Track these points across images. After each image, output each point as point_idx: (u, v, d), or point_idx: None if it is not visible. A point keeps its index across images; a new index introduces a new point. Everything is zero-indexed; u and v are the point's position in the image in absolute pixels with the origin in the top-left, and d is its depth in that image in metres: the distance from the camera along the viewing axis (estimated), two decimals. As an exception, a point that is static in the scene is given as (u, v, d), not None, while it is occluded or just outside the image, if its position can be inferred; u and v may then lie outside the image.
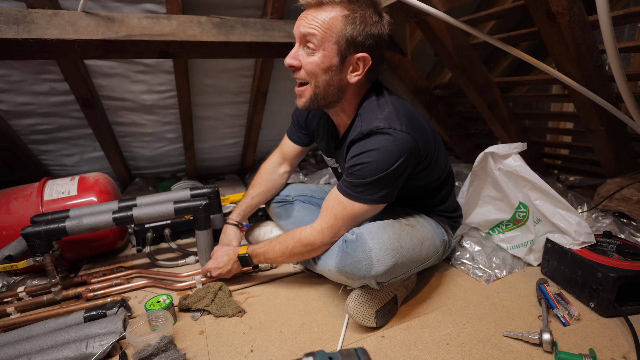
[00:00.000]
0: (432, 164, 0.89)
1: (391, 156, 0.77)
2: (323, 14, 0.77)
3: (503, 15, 1.18)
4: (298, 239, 0.89)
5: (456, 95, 1.84)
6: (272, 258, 0.95)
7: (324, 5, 0.78)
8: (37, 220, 1.01)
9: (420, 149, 0.81)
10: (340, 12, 0.77)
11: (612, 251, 0.93)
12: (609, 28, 0.64)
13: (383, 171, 0.78)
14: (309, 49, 0.80)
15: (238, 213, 1.16)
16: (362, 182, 0.80)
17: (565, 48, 0.99)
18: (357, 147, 0.81)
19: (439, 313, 0.90)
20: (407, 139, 0.78)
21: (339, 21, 0.77)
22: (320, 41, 0.78)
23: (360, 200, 0.82)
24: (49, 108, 1.57)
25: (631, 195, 1.19)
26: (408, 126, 0.79)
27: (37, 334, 0.82)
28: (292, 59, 0.82)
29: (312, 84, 0.82)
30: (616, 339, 0.79)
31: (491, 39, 1.04)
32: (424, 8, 0.92)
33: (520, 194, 1.08)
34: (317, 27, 0.77)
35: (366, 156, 0.79)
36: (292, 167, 1.20)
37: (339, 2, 0.77)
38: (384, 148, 0.77)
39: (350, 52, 0.79)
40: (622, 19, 0.96)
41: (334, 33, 0.77)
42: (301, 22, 0.80)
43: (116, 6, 1.25)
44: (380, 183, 0.80)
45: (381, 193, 0.81)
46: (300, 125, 1.11)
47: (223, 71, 1.68)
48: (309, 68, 0.80)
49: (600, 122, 1.20)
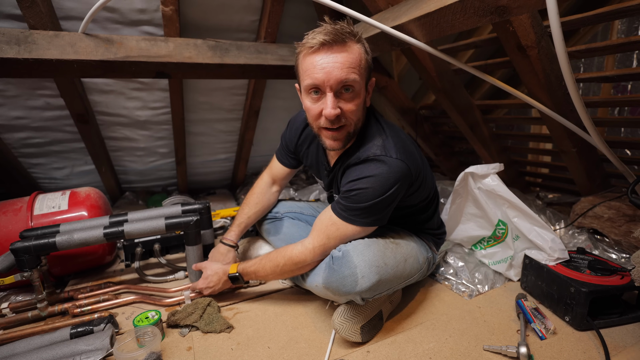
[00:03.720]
0: (421, 186, 0.93)
1: (386, 183, 0.81)
2: (351, 54, 0.73)
3: (480, 45, 1.28)
4: (289, 257, 0.91)
5: (441, 115, 1.93)
6: (263, 276, 0.97)
7: (346, 44, 0.73)
8: (26, 235, 1.01)
9: (413, 175, 0.86)
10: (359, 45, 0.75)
11: (584, 267, 0.98)
12: (567, 65, 0.72)
13: (378, 197, 0.81)
14: (347, 92, 0.76)
15: (236, 233, 1.15)
16: (357, 206, 0.83)
17: (535, 77, 1.08)
18: (354, 172, 0.84)
19: (422, 328, 0.93)
20: (401, 166, 0.81)
21: (363, 55, 0.75)
22: (358, 82, 0.76)
23: (354, 223, 0.85)
24: (42, 122, 1.59)
25: (602, 213, 1.26)
26: (402, 154, 0.82)
27: (21, 351, 0.81)
28: (336, 109, 0.76)
29: (353, 124, 0.81)
30: (589, 352, 0.83)
31: (468, 67, 1.12)
32: (406, 39, 0.99)
33: (499, 212, 1.14)
34: (353, 69, 0.73)
35: (363, 182, 0.82)
36: (281, 187, 1.24)
37: (353, 38, 0.76)
38: (380, 175, 0.80)
39: (367, 81, 0.82)
40: (585, 52, 1.05)
41: (364, 68, 0.77)
42: (330, 68, 0.72)
43: (115, 28, 1.30)
44: (374, 208, 0.83)
45: (375, 217, 0.85)
46: (290, 150, 1.12)
47: (217, 89, 1.74)
48: (349, 113, 0.78)
49: (571, 145, 1.29)
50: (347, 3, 1.26)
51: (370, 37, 1.15)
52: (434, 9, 0.85)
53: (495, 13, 0.79)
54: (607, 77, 1.11)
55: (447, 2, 0.82)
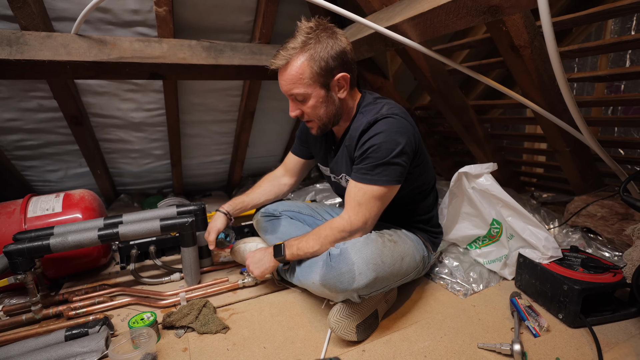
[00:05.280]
0: (423, 162, 1.00)
1: (397, 136, 0.88)
2: (291, 71, 0.89)
3: (474, 45, 1.29)
4: (330, 227, 0.93)
5: (436, 116, 1.94)
6: (305, 248, 0.95)
7: (288, 63, 0.89)
8: (20, 237, 1.01)
9: (416, 136, 0.93)
10: (301, 58, 0.88)
11: (577, 265, 0.99)
12: (559, 65, 0.73)
13: (392, 150, 0.87)
14: (299, 101, 0.93)
15: (230, 204, 1.19)
16: (375, 163, 0.88)
17: (529, 77, 1.08)
18: (367, 134, 0.91)
19: (418, 327, 0.94)
20: (406, 123, 0.91)
21: (306, 66, 0.88)
22: (303, 93, 0.90)
23: (377, 183, 0.89)
24: (35, 124, 1.58)
25: (595, 211, 1.28)
26: (405, 114, 0.93)
27: (15, 354, 0.81)
28: (294, 112, 0.96)
29: (317, 119, 0.96)
30: (582, 349, 0.84)
31: (462, 67, 1.13)
32: (400, 39, 1.00)
33: (493, 211, 1.15)
34: (295, 84, 0.89)
35: (375, 139, 0.88)
36: (293, 180, 1.27)
37: (297, 52, 0.87)
38: (389, 130, 0.88)
39: (328, 79, 0.90)
40: (578, 52, 1.06)
41: (308, 77, 0.89)
42: (282, 84, 0.92)
43: (108, 29, 1.30)
44: (392, 162, 0.88)
45: (394, 173, 0.89)
46: (302, 139, 1.21)
47: (212, 91, 1.74)
48: (308, 112, 0.94)
49: (565, 144, 1.30)
50: (341, 3, 1.27)
51: (364, 38, 1.15)
52: (428, 9, 0.86)
53: (487, 13, 0.79)
54: (600, 76, 1.12)
55: (440, 2, 0.82)
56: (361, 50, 1.27)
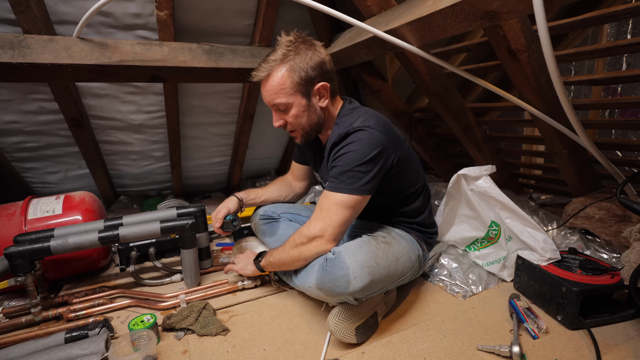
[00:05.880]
0: (406, 167, 1.00)
1: (368, 147, 0.88)
2: (273, 82, 0.92)
3: (472, 49, 1.30)
4: (298, 232, 0.94)
5: (434, 118, 1.95)
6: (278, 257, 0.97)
7: (270, 75, 0.93)
8: (20, 239, 1.01)
9: (392, 146, 0.93)
10: (282, 70, 0.91)
11: (575, 266, 1.00)
12: (555, 69, 0.74)
13: (361, 159, 0.87)
14: (282, 111, 0.97)
15: (245, 193, 1.25)
16: (342, 170, 0.89)
17: (526, 80, 1.09)
18: (338, 146, 0.93)
19: (417, 329, 0.94)
20: (379, 135, 0.90)
21: (286, 77, 0.92)
22: (285, 103, 0.94)
23: (341, 191, 0.89)
24: (36, 126, 1.58)
25: (593, 213, 1.28)
26: (380, 126, 0.91)
27: (14, 356, 0.81)
28: (278, 122, 0.99)
29: (300, 128, 1.00)
30: (580, 350, 0.84)
31: (460, 70, 1.13)
32: (399, 43, 1.01)
33: (492, 213, 1.15)
34: (277, 94, 0.93)
35: (345, 149, 0.90)
36: (304, 184, 1.32)
37: (277, 64, 0.91)
38: (361, 141, 0.89)
39: (309, 88, 0.93)
40: (574, 56, 1.07)
41: (289, 88, 0.92)
42: (264, 95, 0.96)
43: (110, 32, 1.31)
44: (359, 171, 0.88)
45: (360, 182, 0.88)
46: (300, 147, 1.26)
47: (212, 93, 1.74)
48: (291, 121, 0.98)
49: (562, 146, 1.31)
50: (340, 7, 1.28)
51: (363, 42, 1.16)
52: (426, 14, 0.87)
53: (485, 18, 0.80)
54: (596, 80, 1.13)
55: (439, 7, 0.83)
56: (360, 53, 1.28)
